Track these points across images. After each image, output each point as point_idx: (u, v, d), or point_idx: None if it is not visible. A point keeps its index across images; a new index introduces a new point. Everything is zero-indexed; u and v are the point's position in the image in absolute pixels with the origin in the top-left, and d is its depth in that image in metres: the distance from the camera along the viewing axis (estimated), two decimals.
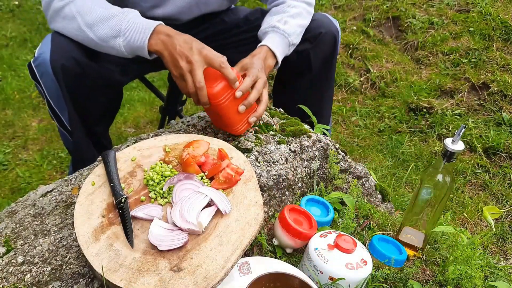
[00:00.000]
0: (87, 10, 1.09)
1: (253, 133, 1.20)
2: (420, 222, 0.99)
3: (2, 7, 3.62)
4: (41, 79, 1.12)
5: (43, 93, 1.16)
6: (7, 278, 0.82)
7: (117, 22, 1.07)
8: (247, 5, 3.43)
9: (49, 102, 1.17)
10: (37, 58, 1.11)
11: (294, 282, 0.74)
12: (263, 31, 1.27)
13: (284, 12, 1.29)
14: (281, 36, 1.24)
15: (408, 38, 2.94)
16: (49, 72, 1.10)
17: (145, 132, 2.23)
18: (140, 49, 1.07)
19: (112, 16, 1.08)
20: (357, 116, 2.50)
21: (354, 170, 1.22)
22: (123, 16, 1.07)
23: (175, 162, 0.98)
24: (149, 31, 1.06)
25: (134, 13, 1.09)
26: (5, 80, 2.69)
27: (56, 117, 1.22)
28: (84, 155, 1.29)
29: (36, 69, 1.12)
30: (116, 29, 1.07)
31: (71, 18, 1.10)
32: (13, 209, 1.00)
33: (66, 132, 1.25)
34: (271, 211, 1.01)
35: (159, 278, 0.73)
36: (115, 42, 1.08)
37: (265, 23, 1.29)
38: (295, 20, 1.28)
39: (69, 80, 1.12)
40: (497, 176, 2.02)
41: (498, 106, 2.36)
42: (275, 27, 1.25)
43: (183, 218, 0.81)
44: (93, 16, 1.08)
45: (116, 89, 1.30)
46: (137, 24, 1.07)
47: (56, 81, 1.11)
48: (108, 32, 1.07)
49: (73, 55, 1.11)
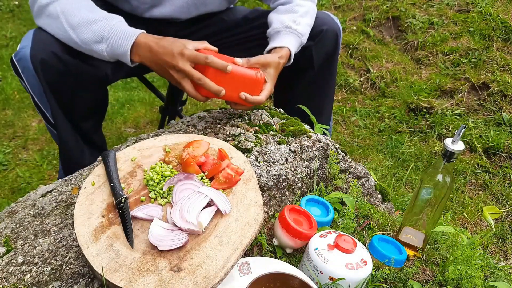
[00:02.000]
0: (72, 12, 1.08)
1: (253, 133, 1.20)
2: (420, 222, 0.99)
3: (2, 7, 3.62)
4: (23, 74, 1.12)
5: (26, 88, 1.16)
6: (7, 278, 0.82)
7: (101, 27, 1.07)
8: (247, 5, 3.43)
9: (33, 97, 1.17)
10: (18, 53, 1.11)
11: (294, 282, 0.74)
12: (276, 29, 1.27)
13: (294, 11, 1.29)
14: (296, 37, 1.26)
15: (408, 38, 2.94)
16: (30, 67, 1.10)
17: (145, 132, 2.23)
18: (122, 56, 1.08)
19: (96, 21, 1.07)
20: (357, 116, 2.50)
21: (354, 170, 1.22)
22: (106, 22, 1.07)
23: (175, 162, 0.98)
24: (131, 40, 1.06)
25: (118, 19, 1.09)
26: (5, 80, 2.69)
27: (40, 112, 1.22)
28: (72, 151, 1.28)
29: (18, 64, 1.12)
30: (99, 35, 1.07)
31: (55, 17, 1.09)
32: (13, 209, 1.00)
33: (51, 126, 1.25)
34: (271, 211, 1.01)
35: (159, 278, 0.73)
36: (97, 47, 1.08)
37: (276, 22, 1.28)
38: (304, 19, 1.29)
39: (49, 75, 1.12)
40: (497, 176, 2.02)
41: (498, 106, 2.36)
42: (289, 27, 1.25)
43: (183, 218, 0.81)
44: (77, 19, 1.07)
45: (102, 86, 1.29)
46: (120, 31, 1.07)
47: (36, 76, 1.11)
48: (91, 36, 1.07)
49: (53, 51, 1.10)
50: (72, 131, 1.26)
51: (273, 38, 1.27)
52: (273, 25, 1.29)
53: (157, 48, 1.06)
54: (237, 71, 1.10)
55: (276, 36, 1.26)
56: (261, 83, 1.16)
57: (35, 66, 1.09)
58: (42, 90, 1.15)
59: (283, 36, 1.25)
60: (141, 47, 1.07)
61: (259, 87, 1.16)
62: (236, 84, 1.10)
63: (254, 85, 1.14)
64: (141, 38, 1.07)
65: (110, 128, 2.40)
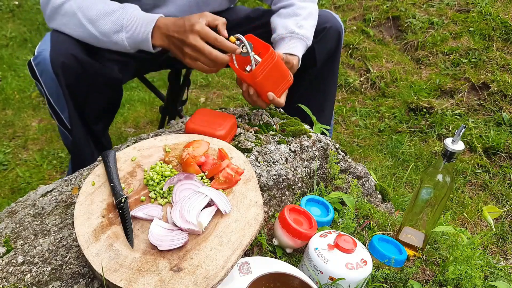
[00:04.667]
0: (88, 6, 1.09)
1: (253, 133, 1.20)
2: (420, 222, 0.99)
3: (2, 7, 3.62)
4: (41, 78, 1.12)
5: (43, 91, 1.16)
6: (7, 278, 0.82)
7: (119, 16, 1.08)
8: (247, 5, 3.43)
9: (49, 100, 1.17)
10: (37, 57, 1.11)
11: (294, 282, 0.74)
12: (281, 35, 1.27)
13: (297, 15, 1.29)
14: (301, 41, 1.27)
15: (408, 38, 2.94)
16: (49, 70, 1.10)
17: (145, 132, 2.23)
18: (144, 42, 1.09)
19: (113, 11, 1.08)
20: (357, 116, 2.50)
21: (354, 170, 1.22)
22: (124, 11, 1.08)
23: (175, 162, 0.98)
24: (151, 24, 1.07)
25: (134, 7, 1.10)
26: (5, 80, 2.69)
27: (56, 115, 1.22)
28: (83, 154, 1.29)
29: (36, 68, 1.12)
30: (119, 24, 1.07)
31: (72, 14, 1.10)
32: (13, 209, 1.00)
33: (66, 130, 1.25)
34: (271, 211, 1.01)
35: (159, 278, 0.73)
36: (118, 37, 1.08)
37: (280, 28, 1.28)
38: (308, 22, 1.30)
39: (69, 78, 1.12)
40: (497, 176, 2.02)
41: (498, 106, 2.36)
42: (293, 32, 1.26)
43: (183, 218, 0.81)
44: (94, 12, 1.08)
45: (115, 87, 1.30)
46: (139, 18, 1.08)
47: (56, 79, 1.11)
48: (111, 26, 1.08)
49: (72, 53, 1.11)
50: (85, 133, 1.27)
51: (278, 44, 1.27)
52: (277, 31, 1.29)
53: (173, 28, 1.06)
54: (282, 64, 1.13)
55: (282, 42, 1.26)
56: (289, 83, 1.19)
57: (55, 69, 1.10)
58: (59, 93, 1.15)
59: (290, 43, 1.25)
60: (161, 30, 1.08)
61: (286, 86, 1.19)
62: (275, 75, 1.13)
63: (285, 84, 1.18)
64: (161, 20, 1.08)
65: (110, 128, 2.39)
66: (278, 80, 1.15)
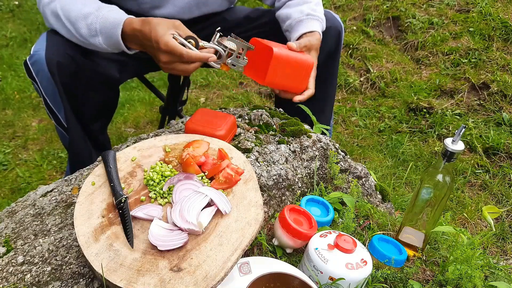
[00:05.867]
0: (68, 7, 1.08)
1: (253, 133, 1.20)
2: (420, 222, 0.99)
3: (2, 7, 3.62)
4: (37, 77, 1.12)
5: (39, 91, 1.16)
6: (7, 278, 0.82)
7: (92, 21, 1.06)
8: (247, 5, 3.43)
9: (45, 99, 1.17)
10: (32, 56, 1.11)
11: (294, 282, 0.74)
12: (297, 19, 1.27)
13: (308, 2, 1.31)
14: (319, 22, 1.28)
15: (408, 38, 2.94)
16: (45, 69, 1.09)
17: (145, 132, 2.23)
18: (119, 46, 1.07)
19: (88, 14, 1.06)
20: (357, 116, 2.50)
21: (354, 170, 1.22)
22: (97, 14, 1.06)
23: (175, 162, 0.98)
24: (118, 28, 1.04)
25: (107, 8, 1.07)
26: (5, 80, 2.69)
27: (52, 114, 1.22)
28: (81, 153, 1.29)
29: (32, 67, 1.12)
30: (93, 29, 1.06)
31: (57, 14, 1.10)
32: (13, 209, 1.00)
33: (63, 129, 1.25)
34: (271, 211, 1.01)
35: (159, 278, 0.73)
36: (95, 41, 1.07)
37: (295, 13, 1.28)
38: (319, 8, 1.32)
39: (64, 77, 1.12)
40: (497, 176, 2.02)
41: (498, 106, 2.36)
42: (310, 14, 1.26)
43: (183, 218, 0.81)
44: (74, 13, 1.07)
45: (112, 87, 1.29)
46: (109, 22, 1.05)
47: (51, 79, 1.11)
48: (86, 31, 1.07)
49: (68, 52, 1.10)
50: (82, 133, 1.27)
51: (296, 27, 1.27)
52: (292, 16, 1.29)
53: (141, 36, 1.04)
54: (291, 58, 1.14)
55: (299, 24, 1.26)
56: (311, 68, 1.20)
57: (50, 69, 1.09)
58: (55, 92, 1.14)
59: (308, 23, 1.26)
60: (129, 35, 1.06)
61: (307, 72, 1.20)
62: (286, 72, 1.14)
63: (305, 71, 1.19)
64: (127, 26, 1.05)
65: (110, 128, 2.39)
66: (293, 73, 1.16)
